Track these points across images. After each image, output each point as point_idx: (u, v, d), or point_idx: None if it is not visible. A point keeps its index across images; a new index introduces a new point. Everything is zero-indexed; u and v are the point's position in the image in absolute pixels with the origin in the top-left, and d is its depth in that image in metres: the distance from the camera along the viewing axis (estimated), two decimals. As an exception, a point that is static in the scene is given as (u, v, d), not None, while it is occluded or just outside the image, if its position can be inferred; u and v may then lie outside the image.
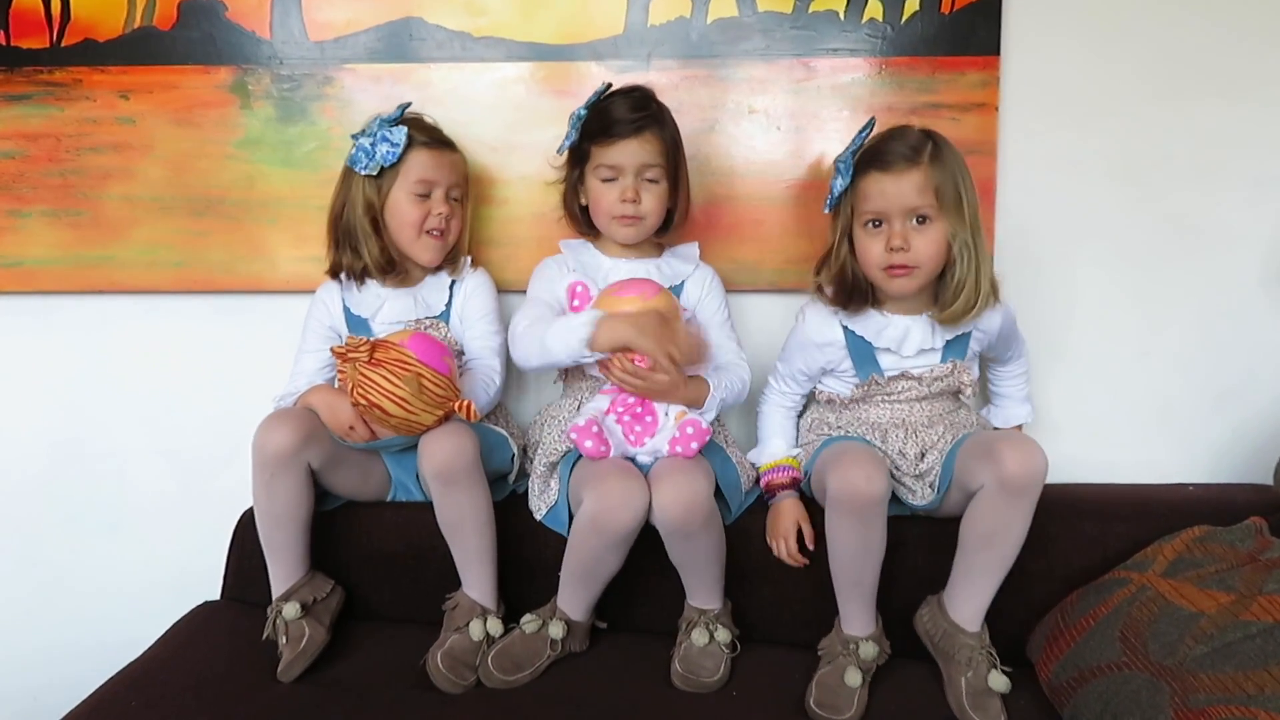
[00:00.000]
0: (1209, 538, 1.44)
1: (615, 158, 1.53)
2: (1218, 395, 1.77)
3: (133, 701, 1.36)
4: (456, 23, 1.70)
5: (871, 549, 1.41)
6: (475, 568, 1.51)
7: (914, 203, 1.42)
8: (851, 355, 1.54)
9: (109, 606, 1.90)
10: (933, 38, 1.66)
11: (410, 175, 1.57)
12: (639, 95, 1.55)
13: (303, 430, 1.46)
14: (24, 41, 1.72)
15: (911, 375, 1.53)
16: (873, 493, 1.36)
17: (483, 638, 1.48)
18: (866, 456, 1.41)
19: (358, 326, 1.62)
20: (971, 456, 1.42)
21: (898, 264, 1.44)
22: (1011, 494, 1.35)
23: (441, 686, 1.43)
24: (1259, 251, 1.73)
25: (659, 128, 1.54)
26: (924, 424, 1.54)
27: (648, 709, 1.38)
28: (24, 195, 1.76)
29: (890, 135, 1.47)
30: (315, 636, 1.48)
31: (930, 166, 1.42)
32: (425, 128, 1.60)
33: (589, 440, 1.43)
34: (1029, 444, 1.37)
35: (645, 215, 1.56)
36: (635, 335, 1.42)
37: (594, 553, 1.43)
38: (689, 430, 1.45)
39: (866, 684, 1.42)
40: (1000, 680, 1.40)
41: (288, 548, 1.52)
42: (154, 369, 1.84)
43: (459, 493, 1.46)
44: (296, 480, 1.47)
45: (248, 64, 1.72)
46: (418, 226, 1.58)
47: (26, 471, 1.89)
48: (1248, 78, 1.67)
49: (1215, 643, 1.23)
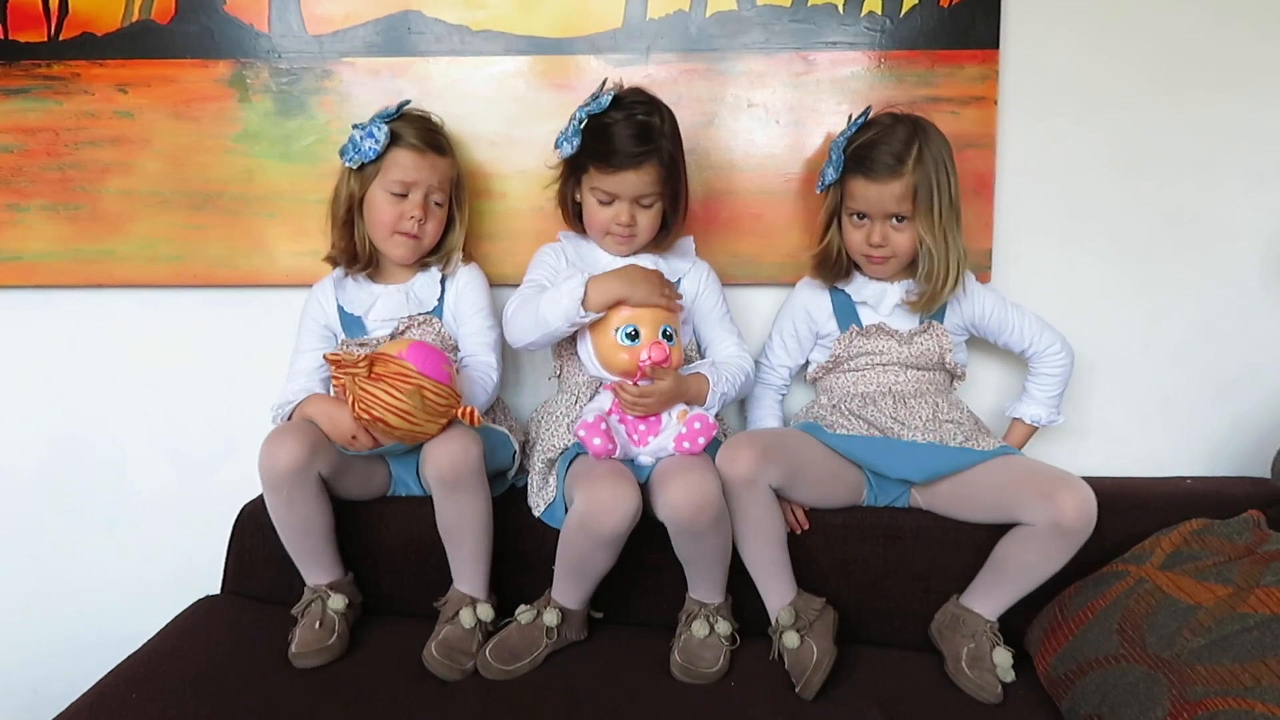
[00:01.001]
0: (1207, 531, 1.44)
1: (612, 186, 1.53)
2: (1216, 388, 1.78)
3: (133, 695, 1.36)
4: (455, 16, 1.70)
5: (757, 529, 1.47)
6: (468, 567, 1.52)
7: (893, 209, 1.53)
8: (835, 310, 1.63)
9: (109, 601, 1.90)
10: (932, 31, 1.66)
11: (389, 174, 1.57)
12: (642, 120, 1.52)
13: (308, 443, 1.46)
14: (22, 35, 1.71)
15: (889, 329, 1.60)
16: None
17: (474, 624, 1.49)
18: (750, 440, 1.47)
19: (351, 324, 1.63)
20: (1024, 489, 1.44)
21: (876, 256, 1.57)
22: (1064, 537, 1.39)
23: (439, 674, 1.43)
24: (1258, 244, 1.73)
25: (659, 156, 1.52)
26: (911, 393, 1.58)
27: (646, 698, 1.38)
28: (23, 189, 1.76)
29: (878, 141, 1.53)
30: (342, 639, 1.49)
31: (913, 173, 1.51)
32: (418, 129, 1.59)
33: (597, 438, 1.44)
34: (1084, 489, 1.40)
35: (639, 233, 1.58)
36: (627, 288, 1.46)
37: (583, 552, 1.44)
38: (696, 425, 1.46)
39: (821, 635, 1.45)
40: (1004, 656, 1.42)
41: (321, 551, 1.53)
42: (153, 363, 1.84)
43: (460, 498, 1.47)
44: (312, 492, 1.48)
45: (246, 58, 1.71)
46: (389, 226, 1.59)
47: (26, 466, 1.89)
48: (1246, 70, 1.67)
49: (1213, 635, 1.24)
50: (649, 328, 1.47)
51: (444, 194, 1.62)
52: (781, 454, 1.47)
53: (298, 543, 1.52)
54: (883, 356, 1.60)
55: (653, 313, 1.48)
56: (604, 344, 1.49)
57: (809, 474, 1.51)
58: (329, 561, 1.54)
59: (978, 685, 1.40)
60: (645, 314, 1.48)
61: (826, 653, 1.41)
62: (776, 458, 1.46)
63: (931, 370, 1.61)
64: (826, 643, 1.43)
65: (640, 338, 1.47)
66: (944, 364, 1.60)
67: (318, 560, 1.53)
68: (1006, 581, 1.46)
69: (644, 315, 1.48)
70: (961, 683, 1.41)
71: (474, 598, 1.51)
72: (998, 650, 1.43)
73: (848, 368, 1.62)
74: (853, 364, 1.61)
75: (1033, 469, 1.49)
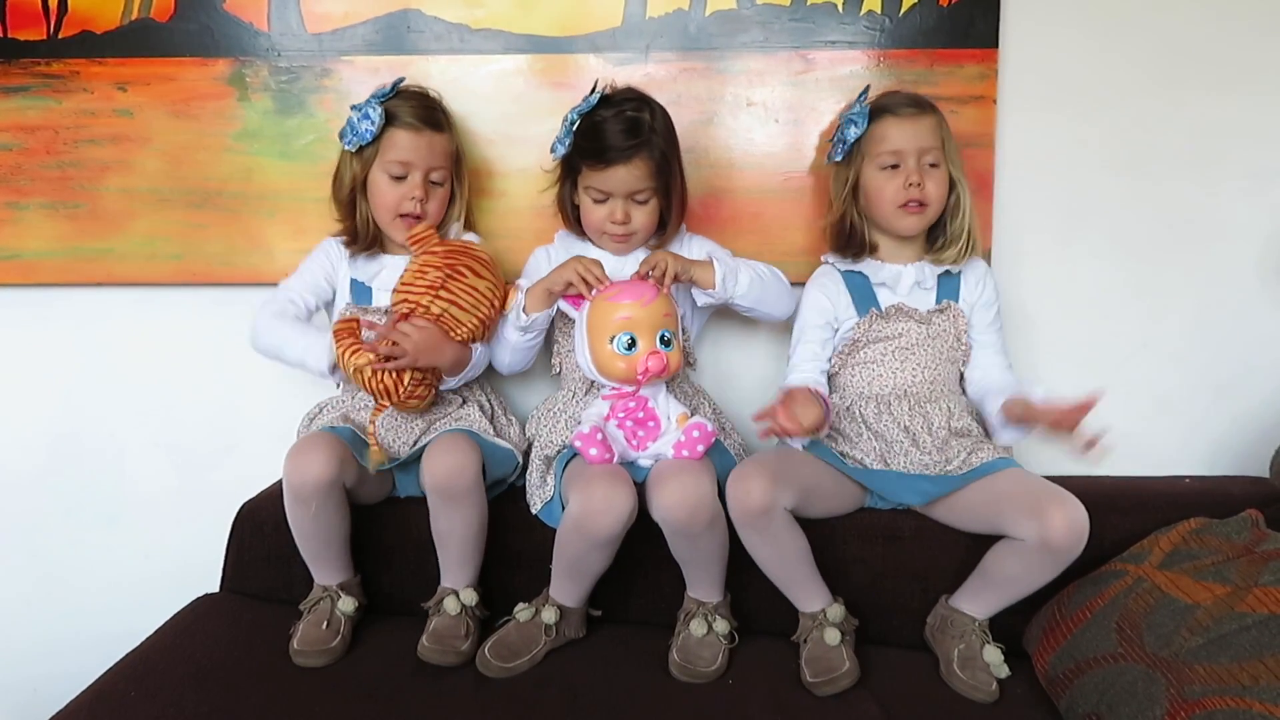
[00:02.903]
0: (1205, 530, 1.44)
1: (604, 183, 1.53)
2: (1215, 387, 1.77)
3: (132, 692, 1.36)
4: (454, 15, 1.70)
5: (784, 551, 1.45)
6: (455, 569, 1.52)
7: (928, 143, 1.54)
8: (851, 294, 1.60)
9: (108, 599, 1.90)
10: (931, 30, 1.66)
11: (387, 155, 1.57)
12: (631, 116, 1.52)
13: (336, 456, 1.45)
14: (21, 33, 1.71)
15: (908, 309, 1.58)
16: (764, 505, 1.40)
17: (459, 610, 1.49)
18: (758, 469, 1.43)
19: (358, 291, 1.63)
20: (1013, 504, 1.43)
21: (914, 198, 1.54)
22: (1051, 554, 1.38)
23: (433, 661, 1.44)
24: (1257, 243, 1.73)
25: (649, 150, 1.52)
26: (927, 395, 1.56)
27: (645, 697, 1.38)
28: (22, 187, 1.76)
29: (892, 93, 1.60)
30: (345, 641, 1.49)
31: (935, 116, 1.56)
32: (414, 106, 1.58)
33: (594, 448, 1.44)
34: (1076, 508, 1.38)
35: (636, 230, 1.58)
36: (546, 278, 1.53)
37: (579, 552, 1.44)
38: (695, 434, 1.46)
39: (850, 643, 1.45)
40: (994, 654, 1.42)
41: (338, 555, 1.54)
42: (152, 361, 1.84)
43: (455, 509, 1.47)
44: (336, 503, 1.48)
45: (245, 56, 1.71)
46: (392, 209, 1.59)
47: (25, 464, 1.89)
48: (1246, 69, 1.67)
49: (1211, 634, 1.24)
50: (646, 336, 1.47)
51: (445, 171, 1.62)
52: (792, 477, 1.45)
53: (318, 549, 1.52)
54: (901, 340, 1.57)
55: (648, 320, 1.47)
56: (601, 353, 1.49)
57: (818, 493, 1.50)
58: (342, 564, 1.55)
59: (971, 686, 1.40)
60: (641, 322, 1.47)
61: (855, 668, 1.41)
62: (788, 481, 1.44)
63: (945, 363, 1.59)
64: (855, 659, 1.43)
65: (637, 346, 1.47)
66: (960, 345, 1.59)
67: (332, 563, 1.54)
68: (994, 588, 1.46)
69: (639, 323, 1.47)
70: (955, 685, 1.41)
71: (454, 589, 1.52)
72: (988, 648, 1.43)
73: (864, 357, 1.59)
74: (871, 350, 1.59)
75: (1026, 484, 1.47)
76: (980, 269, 1.64)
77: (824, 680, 1.39)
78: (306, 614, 1.51)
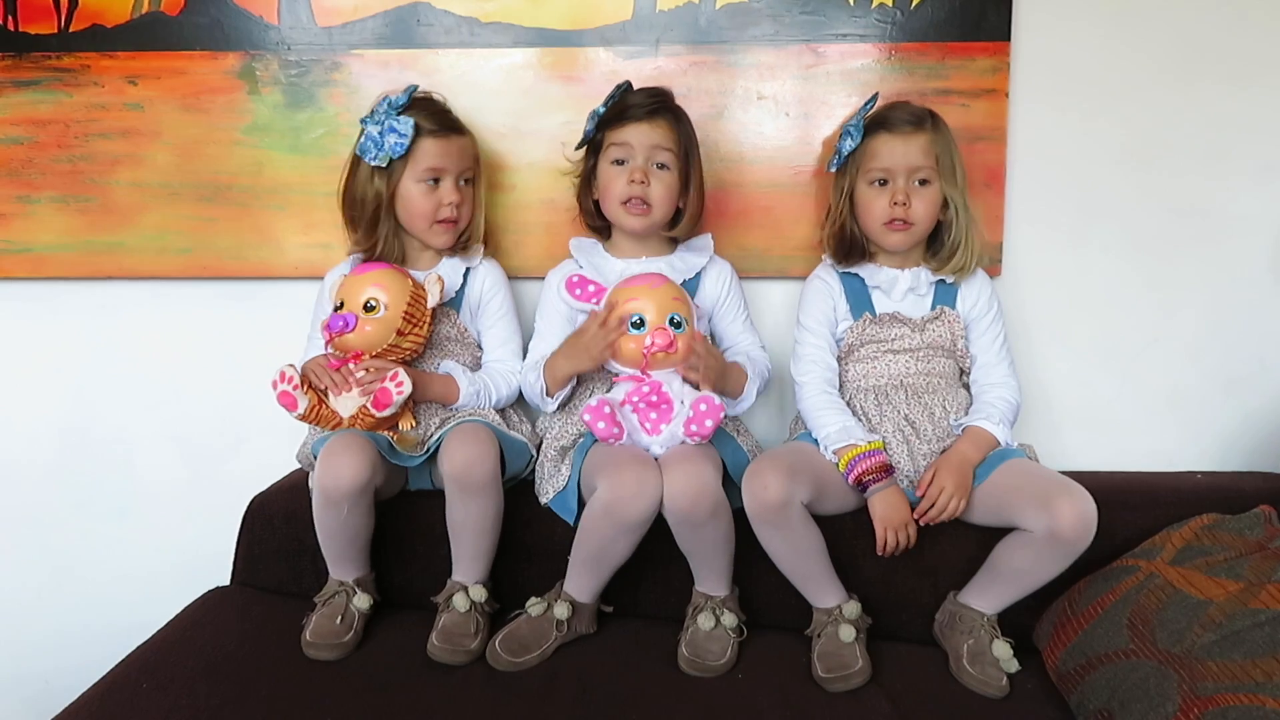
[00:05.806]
0: (1218, 526, 1.44)
1: (626, 137, 1.55)
2: (1227, 383, 1.77)
3: (144, 684, 1.36)
4: (464, 8, 1.69)
5: (800, 546, 1.45)
6: (468, 561, 1.52)
7: (918, 163, 1.54)
8: (847, 296, 1.61)
9: (118, 592, 1.91)
10: (943, 23, 1.65)
11: (419, 164, 1.56)
12: (657, 89, 1.59)
13: (369, 460, 1.44)
14: (32, 27, 1.71)
15: (902, 317, 1.58)
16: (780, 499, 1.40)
17: (469, 607, 1.49)
18: (774, 463, 1.44)
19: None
20: (1021, 496, 1.42)
21: (899, 218, 1.54)
22: (1060, 546, 1.38)
23: (443, 660, 1.44)
24: (1270, 238, 1.72)
25: (673, 117, 1.57)
26: (924, 387, 1.57)
27: (654, 691, 1.38)
28: (33, 181, 1.76)
29: (894, 106, 1.59)
30: (357, 636, 1.49)
31: (933, 134, 1.55)
32: (433, 113, 1.59)
33: (601, 422, 1.44)
34: (1084, 499, 1.37)
35: (654, 204, 1.57)
36: (575, 361, 1.53)
37: (605, 539, 1.44)
38: (702, 407, 1.44)
39: (863, 640, 1.45)
40: (1003, 649, 1.42)
41: (360, 554, 1.54)
42: (162, 355, 1.85)
43: (471, 499, 1.47)
44: (368, 506, 1.48)
45: (255, 50, 1.71)
46: (429, 217, 1.59)
47: (36, 458, 1.89)
48: (1259, 62, 1.66)
49: (1223, 630, 1.23)
50: (655, 314, 1.47)
51: (473, 172, 1.63)
52: (806, 471, 1.45)
53: (342, 549, 1.52)
54: (895, 343, 1.58)
55: (657, 301, 1.48)
56: None
57: (830, 489, 1.49)
58: (362, 561, 1.55)
59: (981, 681, 1.39)
60: (650, 301, 1.48)
61: (867, 666, 1.41)
62: (803, 475, 1.44)
63: (942, 358, 1.59)
64: (867, 657, 1.43)
65: (645, 325, 1.47)
66: (955, 350, 1.59)
67: (353, 560, 1.54)
68: (1003, 582, 1.45)
69: (648, 302, 1.48)
70: (964, 680, 1.40)
71: (464, 584, 1.52)
72: (996, 643, 1.43)
73: (858, 356, 1.60)
74: (864, 351, 1.60)
75: (1034, 475, 1.47)
76: (978, 281, 1.62)
77: (836, 676, 1.39)
78: (321, 606, 1.51)
